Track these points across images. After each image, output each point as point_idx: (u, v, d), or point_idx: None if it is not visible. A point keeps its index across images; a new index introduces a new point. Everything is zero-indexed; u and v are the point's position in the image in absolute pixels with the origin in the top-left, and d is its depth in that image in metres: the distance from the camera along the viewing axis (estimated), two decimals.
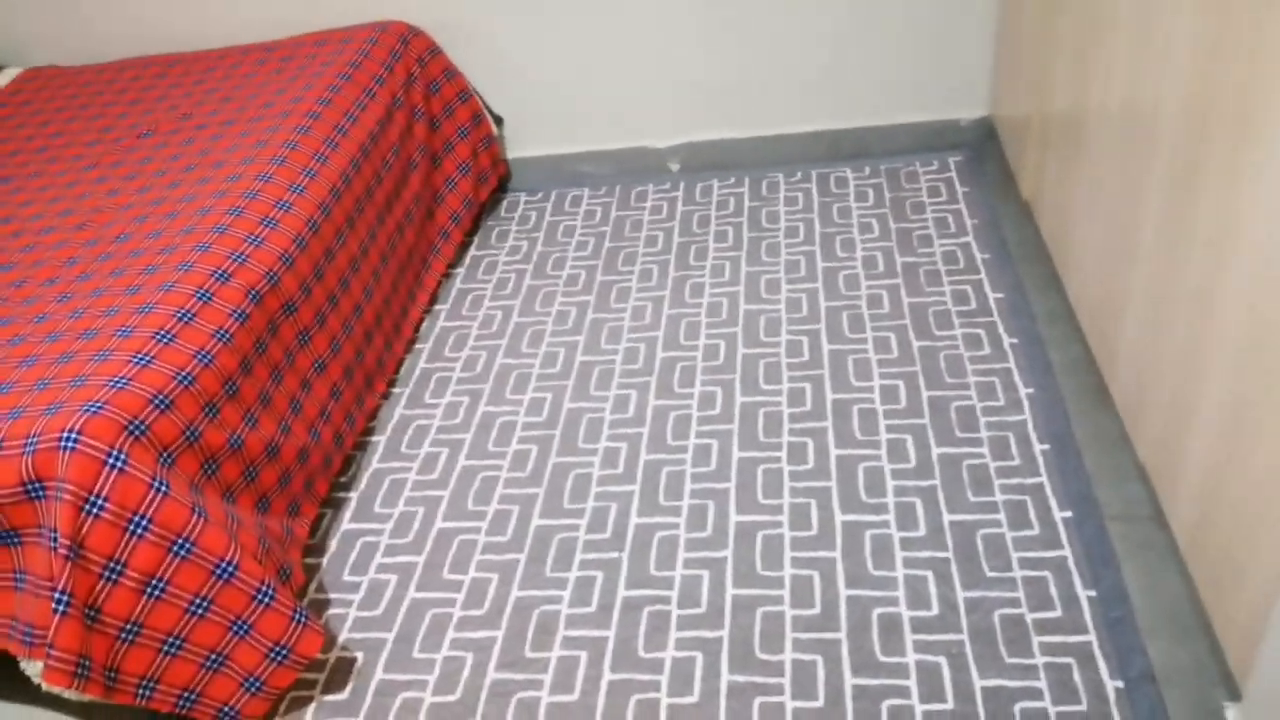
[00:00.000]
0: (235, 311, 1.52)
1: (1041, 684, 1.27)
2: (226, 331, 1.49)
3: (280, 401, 1.58)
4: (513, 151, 2.53)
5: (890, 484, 1.59)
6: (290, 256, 1.67)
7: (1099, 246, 1.62)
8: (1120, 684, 1.26)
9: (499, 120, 2.47)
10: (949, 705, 1.27)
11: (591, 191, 2.49)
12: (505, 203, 2.52)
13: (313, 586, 1.58)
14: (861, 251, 2.13)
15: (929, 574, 1.44)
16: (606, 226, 2.35)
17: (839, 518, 1.55)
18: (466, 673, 1.41)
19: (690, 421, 1.78)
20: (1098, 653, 1.29)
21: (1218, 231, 1.16)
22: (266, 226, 1.68)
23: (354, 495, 1.74)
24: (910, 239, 2.14)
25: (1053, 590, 1.38)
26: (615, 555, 1.55)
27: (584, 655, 1.41)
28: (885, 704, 1.28)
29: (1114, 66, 1.48)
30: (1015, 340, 1.81)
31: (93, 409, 1.27)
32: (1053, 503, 1.50)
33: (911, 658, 1.33)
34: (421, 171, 2.19)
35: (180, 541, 1.26)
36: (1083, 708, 1.24)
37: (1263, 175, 1.03)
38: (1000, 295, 1.93)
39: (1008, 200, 2.18)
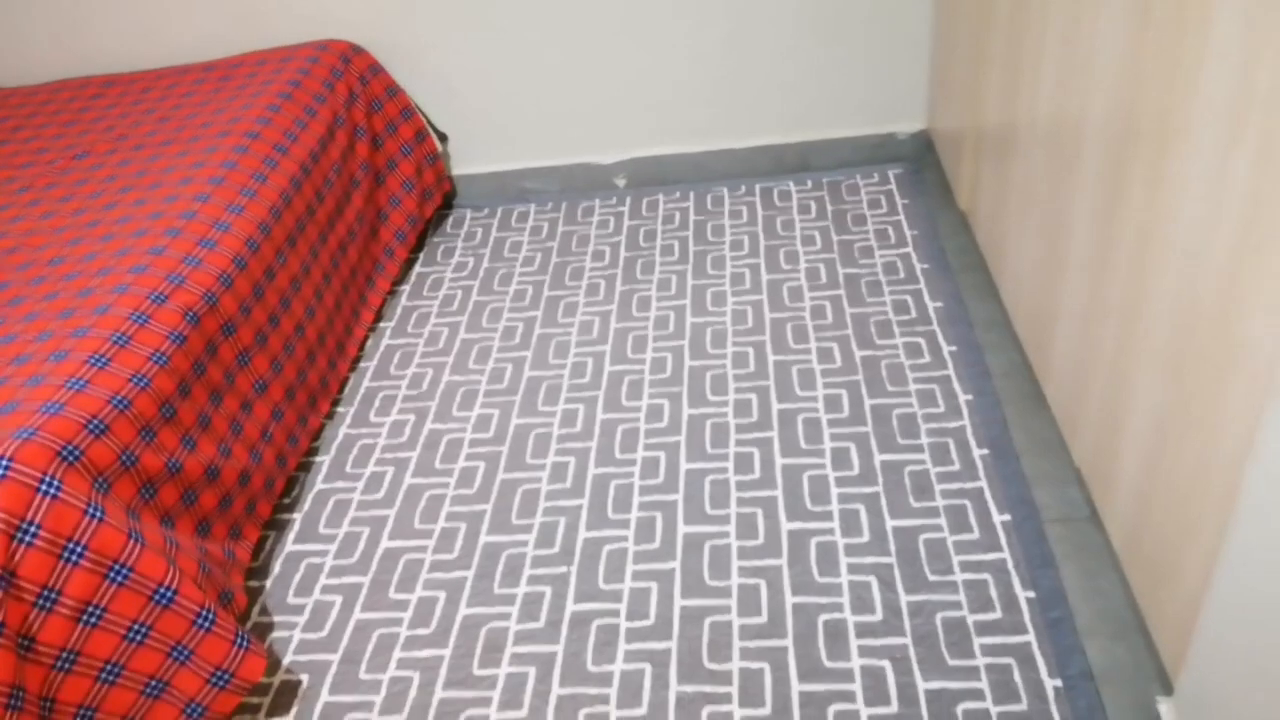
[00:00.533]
0: (172, 334, 1.50)
1: (983, 684, 1.29)
2: (163, 354, 1.47)
3: (220, 424, 1.56)
4: (458, 168, 2.53)
5: (834, 492, 1.61)
6: (229, 277, 1.65)
7: (1032, 256, 1.66)
8: (1059, 683, 1.28)
9: (443, 137, 2.47)
10: (893, 709, 1.28)
11: (538, 207, 2.50)
12: (451, 219, 2.51)
13: (256, 610, 1.56)
14: (805, 263, 2.16)
15: (873, 579, 1.45)
16: (553, 242, 2.36)
17: (785, 526, 1.56)
18: (414, 692, 1.40)
19: (638, 434, 1.78)
20: (1037, 653, 1.32)
21: (1142, 241, 1.20)
22: (204, 247, 1.66)
23: (298, 516, 1.71)
24: (852, 250, 2.17)
25: (993, 592, 1.41)
26: (563, 570, 1.55)
27: (532, 671, 1.40)
28: (831, 709, 1.30)
29: (1042, 79, 1.53)
30: (954, 348, 1.85)
31: (25, 435, 1.24)
32: (992, 506, 1.53)
33: (857, 662, 1.35)
34: (364, 189, 2.18)
35: (117, 568, 1.24)
36: (1023, 707, 1.26)
37: (1184, 186, 1.07)
38: (939, 304, 1.96)
39: (945, 211, 2.23)
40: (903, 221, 2.23)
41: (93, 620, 1.23)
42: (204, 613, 1.29)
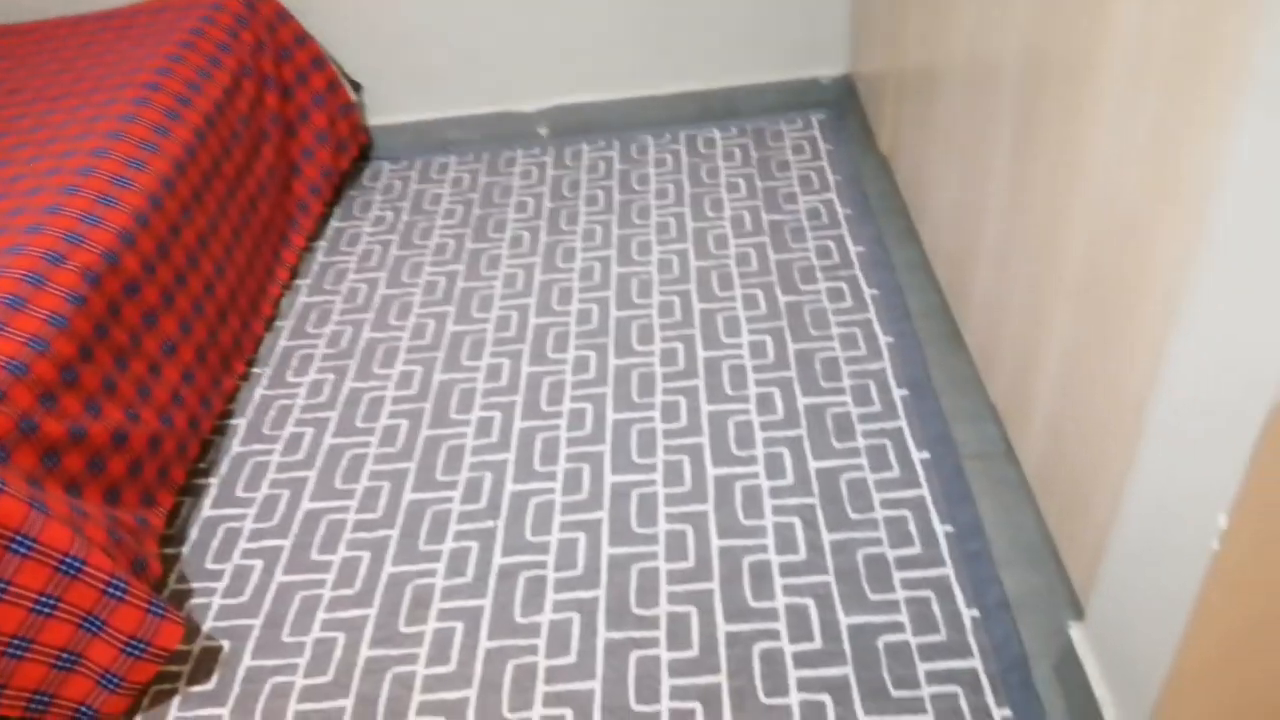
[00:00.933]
0: (70, 295, 1.43)
1: (903, 617, 1.32)
2: (61, 316, 1.40)
3: (126, 388, 1.50)
4: (374, 119, 2.46)
5: (759, 436, 1.62)
6: (131, 235, 1.58)
7: (951, 197, 1.68)
8: (976, 613, 1.31)
9: (357, 87, 2.39)
10: (817, 644, 1.30)
11: (459, 158, 2.44)
12: (368, 172, 2.45)
13: (173, 577, 1.52)
14: (730, 211, 2.15)
15: (796, 520, 1.47)
16: (475, 193, 2.31)
17: (711, 472, 1.57)
18: (339, 652, 1.38)
19: (565, 386, 1.77)
20: (955, 584, 1.35)
21: (1055, 179, 1.21)
22: (104, 204, 1.59)
23: (214, 481, 1.67)
24: (776, 197, 2.16)
25: (912, 528, 1.43)
26: (490, 524, 1.54)
27: (460, 626, 1.39)
28: (757, 647, 1.31)
29: (960, 20, 1.52)
30: (876, 291, 1.86)
31: None
32: (911, 445, 1.55)
33: (781, 601, 1.36)
34: (275, 142, 2.11)
35: (18, 539, 1.19)
36: (941, 637, 1.29)
37: (1095, 122, 1.08)
38: (861, 248, 1.97)
39: (867, 155, 2.23)
40: (826, 167, 2.23)
41: None
42: (114, 582, 1.25)
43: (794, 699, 1.25)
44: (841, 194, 2.13)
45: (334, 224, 2.27)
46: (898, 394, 1.65)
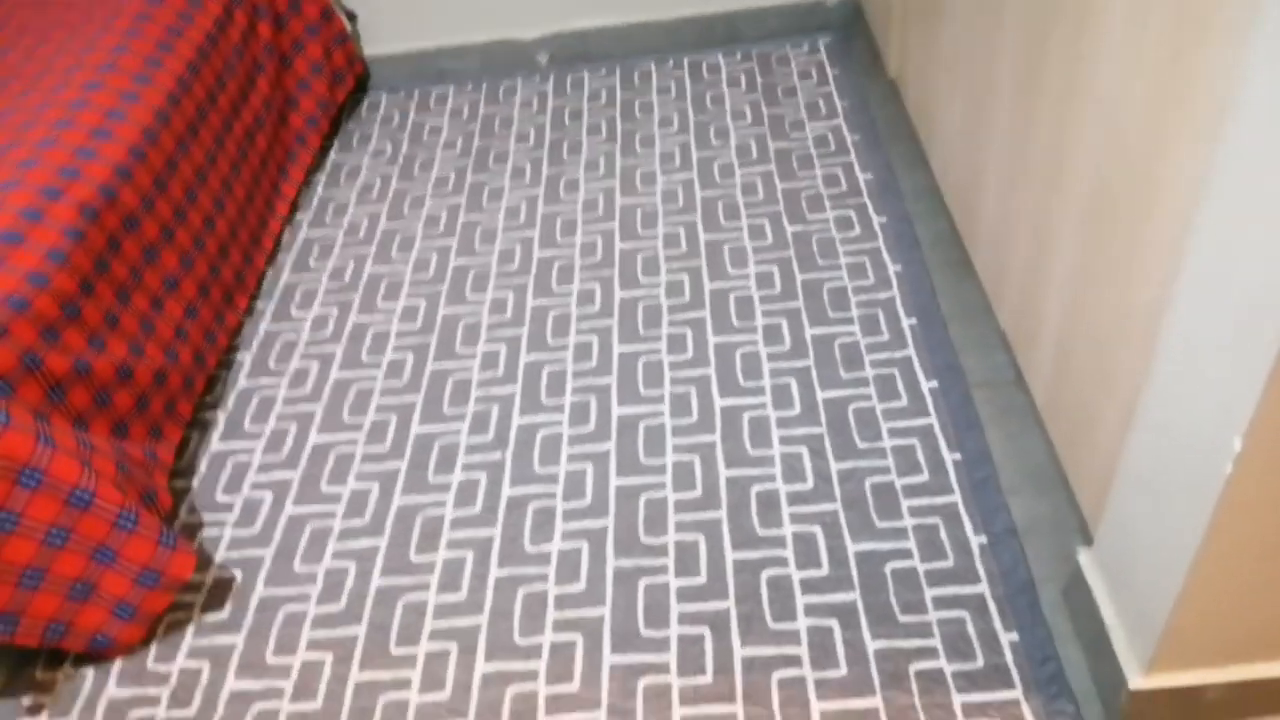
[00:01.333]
0: (69, 229, 1.41)
1: (910, 544, 1.33)
2: (60, 251, 1.39)
3: (129, 322, 1.49)
4: (370, 49, 2.40)
5: (766, 367, 1.61)
6: (127, 169, 1.56)
7: (959, 121, 1.64)
8: (984, 539, 1.32)
9: (351, 16, 2.33)
10: (824, 570, 1.31)
11: (457, 88, 2.40)
12: (366, 104, 2.40)
13: (184, 509, 1.53)
14: (735, 139, 2.11)
15: (804, 450, 1.47)
16: (475, 124, 2.27)
17: (718, 403, 1.57)
18: (350, 582, 1.39)
19: (570, 319, 1.76)
20: (963, 512, 1.35)
21: (1064, 97, 1.18)
22: (98, 138, 1.56)
23: (221, 415, 1.67)
24: (782, 124, 2.12)
25: (920, 456, 1.43)
26: (498, 456, 1.54)
27: (470, 555, 1.40)
28: (765, 574, 1.32)
29: None
30: (884, 219, 1.84)
31: None
32: (920, 374, 1.55)
33: (789, 529, 1.37)
34: (269, 74, 2.06)
35: (27, 472, 1.19)
36: (949, 563, 1.30)
37: (1102, 43, 1.05)
38: (869, 175, 1.94)
39: (875, 80, 2.18)
40: (833, 92, 2.19)
41: (7, 527, 1.19)
42: (125, 514, 1.26)
43: (801, 624, 1.26)
44: (849, 120, 2.09)
45: (333, 157, 2.24)
46: (906, 323, 1.63)
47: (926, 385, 1.53)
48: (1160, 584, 1.00)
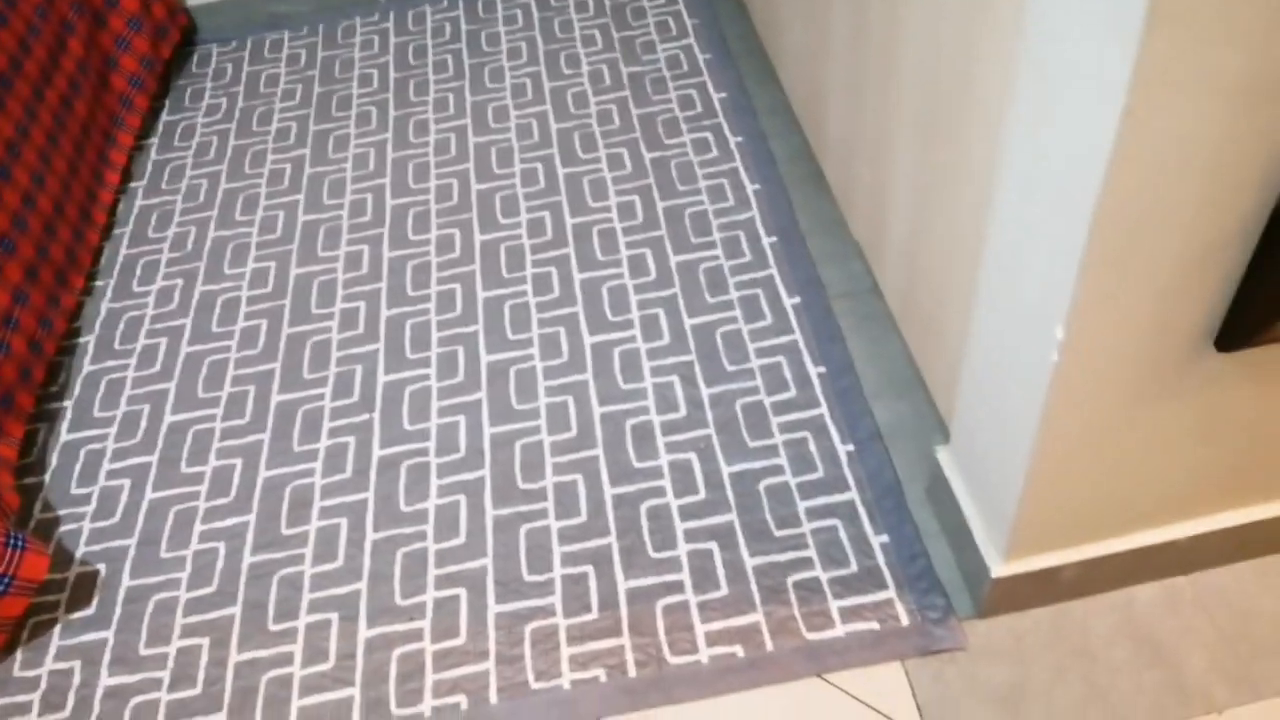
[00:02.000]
0: None
1: (782, 460, 1.35)
2: None
3: None
4: None
5: (634, 299, 1.60)
6: None
7: (801, 36, 1.63)
8: (851, 447, 1.35)
9: None
10: (701, 495, 1.33)
11: (292, 33, 2.27)
12: (195, 57, 2.26)
13: (37, 507, 1.45)
14: (587, 66, 2.06)
15: (675, 379, 1.47)
16: (313, 70, 2.16)
17: (587, 340, 1.55)
18: (221, 562, 1.35)
19: (430, 268, 1.71)
20: (829, 422, 1.38)
21: (889, 11, 1.18)
22: None
23: (68, 404, 1.58)
24: (634, 47, 2.08)
25: (787, 373, 1.45)
26: (366, 417, 1.50)
27: (344, 521, 1.37)
28: (644, 506, 1.33)
29: None
30: (740, 139, 1.83)
31: None
32: (783, 291, 1.56)
33: (664, 459, 1.38)
34: (82, 33, 1.91)
35: None
36: (819, 474, 1.33)
37: None
38: (724, 95, 1.92)
39: None
40: (683, 10, 2.15)
41: None
42: None
43: (682, 550, 1.28)
44: (700, 38, 2.06)
45: (165, 118, 2.10)
46: (767, 242, 1.64)
47: (789, 302, 1.54)
48: (1008, 474, 1.03)
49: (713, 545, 1.28)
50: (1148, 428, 0.97)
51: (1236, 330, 0.87)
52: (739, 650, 1.18)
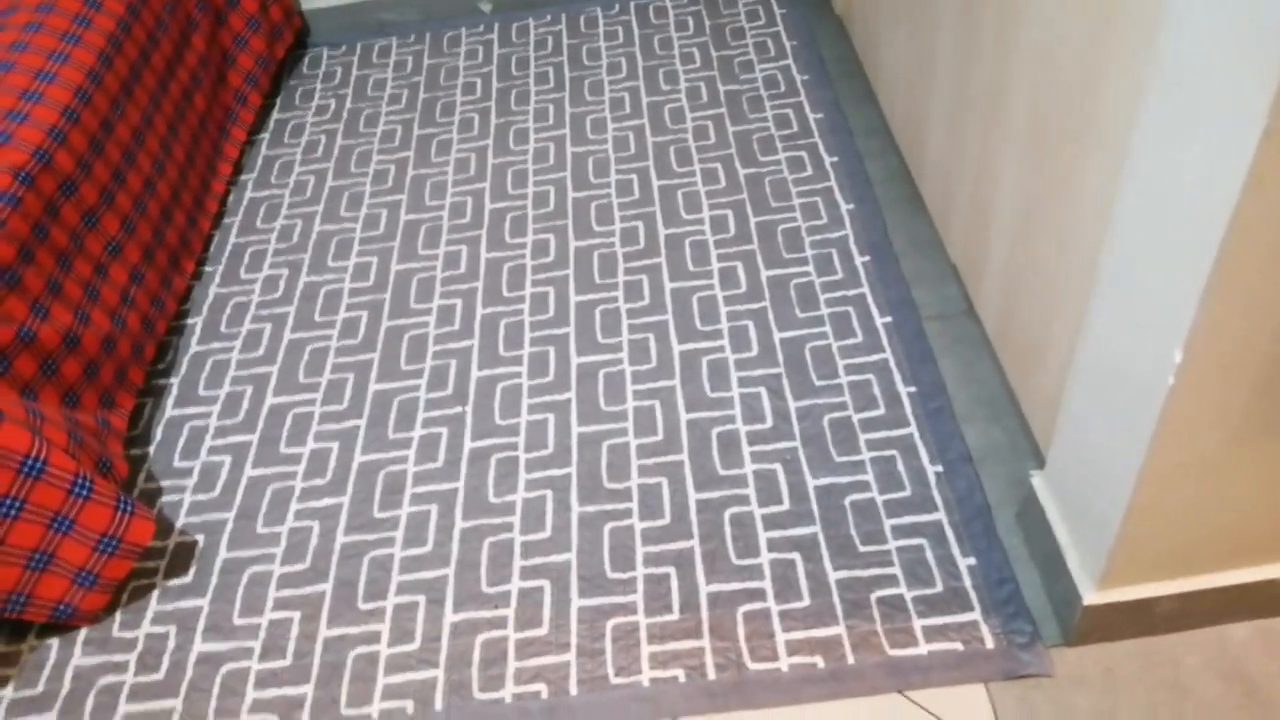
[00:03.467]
0: (4, 195, 1.37)
1: (869, 476, 1.35)
2: None
3: (73, 289, 1.46)
4: (308, 3, 2.34)
5: (723, 310, 1.62)
6: (60, 131, 1.51)
7: (903, 57, 1.64)
8: (940, 468, 1.35)
9: None
10: (785, 506, 1.33)
11: (400, 40, 2.35)
12: (307, 59, 2.34)
13: (141, 476, 1.51)
14: (685, 83, 2.09)
15: (762, 390, 1.48)
16: (419, 77, 2.23)
17: (676, 348, 1.57)
18: (315, 540, 1.39)
19: (525, 271, 1.75)
20: (919, 442, 1.38)
21: (1001, 34, 1.19)
22: (28, 101, 1.51)
23: (175, 381, 1.65)
24: (732, 66, 2.11)
25: (876, 390, 1.45)
26: (459, 410, 1.53)
27: (434, 508, 1.41)
28: (727, 512, 1.34)
29: None
30: (835, 158, 1.84)
31: None
32: (874, 310, 1.56)
33: (749, 468, 1.39)
34: (205, 30, 2.00)
35: None
36: (907, 493, 1.32)
37: None
38: (820, 115, 1.94)
39: (823, 18, 2.17)
40: (781, 32, 2.17)
41: None
42: (80, 481, 1.24)
43: (765, 558, 1.28)
44: (798, 59, 2.08)
45: (276, 115, 2.19)
46: (859, 260, 1.65)
47: (880, 321, 1.54)
48: (1109, 501, 1.02)
49: (796, 556, 1.28)
50: (1255, 461, 0.95)
51: None
52: (819, 661, 1.18)
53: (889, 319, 1.54)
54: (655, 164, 1.91)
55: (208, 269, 1.84)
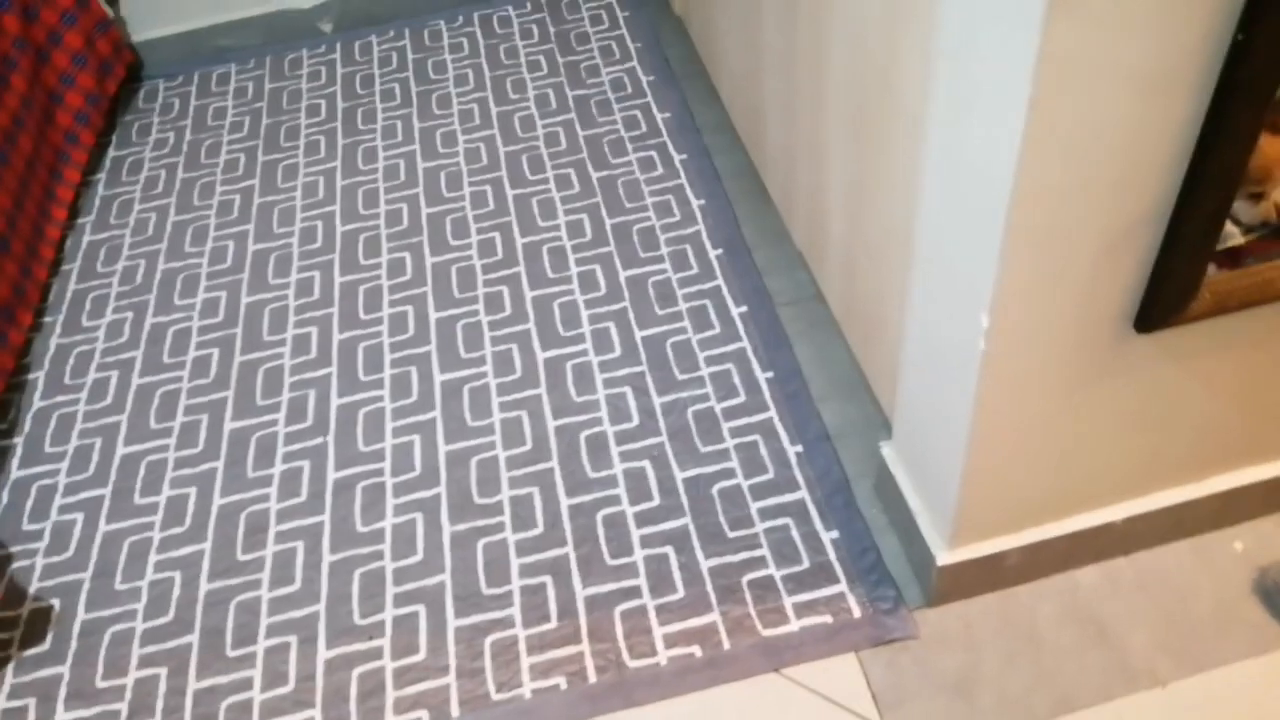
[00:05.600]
0: None
1: (734, 464, 1.37)
2: None
3: None
4: (138, 34, 2.26)
5: (585, 314, 1.62)
6: None
7: (737, 54, 1.68)
8: (800, 448, 1.38)
9: (111, 0, 2.18)
10: (656, 501, 1.35)
11: (239, 66, 2.28)
12: (142, 93, 2.26)
13: None
14: (533, 90, 2.09)
15: (627, 389, 1.49)
16: (261, 102, 2.17)
17: (540, 356, 1.57)
18: (177, 591, 1.34)
19: (382, 292, 1.72)
20: (779, 425, 1.41)
21: (816, 25, 1.22)
22: None
23: (18, 440, 1.56)
24: (579, 71, 2.12)
25: (736, 379, 1.48)
26: (320, 441, 1.50)
27: (300, 545, 1.37)
28: (600, 514, 1.35)
29: None
30: (685, 156, 1.86)
31: None
32: (730, 301, 1.59)
33: (619, 468, 1.40)
34: (25, 70, 1.91)
35: None
36: (770, 475, 1.35)
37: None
38: (668, 114, 1.96)
39: (664, 19, 2.20)
40: (625, 35, 2.19)
41: None
42: None
43: (638, 555, 1.30)
44: (643, 61, 2.11)
45: (112, 153, 2.10)
46: (713, 254, 1.67)
47: (736, 311, 1.57)
48: (947, 464, 1.07)
49: (669, 549, 1.30)
50: (1078, 412, 1.01)
51: (1153, 311, 0.91)
52: (697, 650, 1.20)
53: (744, 309, 1.57)
54: (508, 173, 1.90)
55: (47, 319, 1.76)
